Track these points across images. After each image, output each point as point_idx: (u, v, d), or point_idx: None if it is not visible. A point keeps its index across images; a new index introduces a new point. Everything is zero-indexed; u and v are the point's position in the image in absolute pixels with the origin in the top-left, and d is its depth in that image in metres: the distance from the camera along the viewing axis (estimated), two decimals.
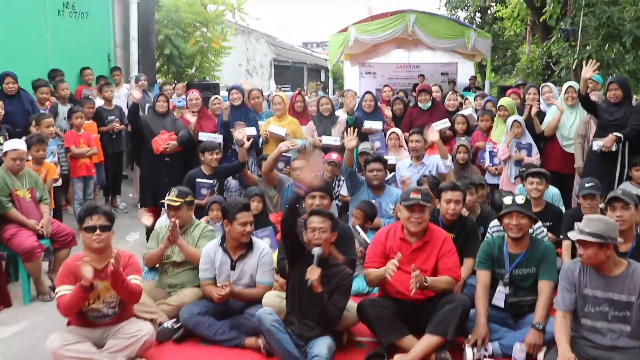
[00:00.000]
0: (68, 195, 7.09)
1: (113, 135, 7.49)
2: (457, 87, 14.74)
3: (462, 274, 4.05)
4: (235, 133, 5.92)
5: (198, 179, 5.69)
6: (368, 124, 6.70)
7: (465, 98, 8.02)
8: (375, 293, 4.29)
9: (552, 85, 7.00)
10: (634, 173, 5.48)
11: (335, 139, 6.40)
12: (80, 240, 3.67)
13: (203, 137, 6.30)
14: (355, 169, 5.37)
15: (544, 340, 3.54)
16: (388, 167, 5.77)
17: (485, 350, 3.60)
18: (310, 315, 3.62)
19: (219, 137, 6.36)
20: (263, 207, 5.29)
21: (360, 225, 4.89)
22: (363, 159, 5.68)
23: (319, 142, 6.48)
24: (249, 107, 7.09)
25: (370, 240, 4.48)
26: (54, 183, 5.77)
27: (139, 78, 8.88)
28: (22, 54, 7.70)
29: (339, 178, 6.02)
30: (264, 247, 4.21)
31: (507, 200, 3.86)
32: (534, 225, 4.25)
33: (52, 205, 5.38)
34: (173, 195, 4.46)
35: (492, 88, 16.24)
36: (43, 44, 8.13)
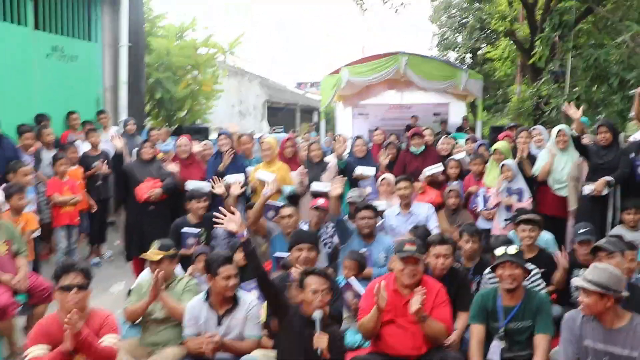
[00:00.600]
0: (51, 244, 6.92)
1: (99, 181, 7.35)
2: (449, 127, 14.81)
3: (458, 327, 3.99)
4: (216, 188, 5.78)
5: (184, 229, 5.53)
6: (359, 170, 6.59)
7: (457, 142, 7.97)
8: (366, 348, 4.12)
9: (541, 128, 7.02)
10: (626, 217, 5.41)
11: (326, 185, 6.29)
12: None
13: (190, 185, 6.17)
14: (343, 218, 5.24)
15: None
16: (380, 212, 5.65)
17: None
18: None
19: (206, 185, 6.23)
20: None
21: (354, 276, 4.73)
22: (353, 207, 5.56)
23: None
24: (238, 152, 7.00)
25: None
26: (33, 233, 5.60)
27: (127, 122, 8.80)
28: (7, 98, 7.64)
29: (328, 225, 5.89)
30: (251, 300, 4.06)
31: (499, 251, 3.76)
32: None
33: (31, 257, 5.22)
34: (155, 249, 4.31)
35: (484, 127, 16.33)
36: (30, 88, 8.08)
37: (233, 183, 5.97)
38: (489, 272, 4.30)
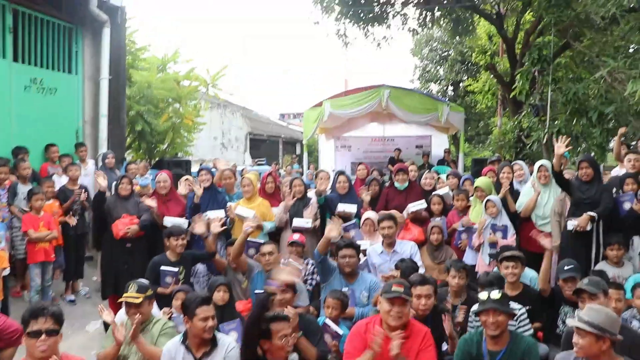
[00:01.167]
0: (25, 281, 6.70)
1: (76, 216, 7.15)
2: (431, 159, 14.86)
3: None
4: (196, 228, 5.66)
5: (162, 267, 5.36)
6: (342, 207, 6.47)
7: (439, 177, 7.94)
8: None
9: (522, 164, 7.03)
10: (609, 253, 5.39)
11: (307, 221, 6.21)
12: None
13: (168, 221, 6.04)
14: (327, 256, 5.13)
15: None
16: (362, 251, 5.55)
17: None
18: None
19: (185, 222, 6.10)
20: (230, 297, 4.97)
21: (333, 318, 4.59)
22: (334, 246, 5.46)
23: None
24: (220, 187, 6.90)
25: (343, 333, 4.26)
26: (3, 272, 5.38)
27: (106, 156, 8.66)
28: None
29: (308, 262, 5.78)
30: (230, 342, 3.90)
31: (482, 296, 3.68)
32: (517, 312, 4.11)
33: (0, 297, 5.02)
34: (133, 291, 4.16)
35: (466, 158, 16.44)
36: (8, 120, 7.89)
37: (213, 219, 5.86)
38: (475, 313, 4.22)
